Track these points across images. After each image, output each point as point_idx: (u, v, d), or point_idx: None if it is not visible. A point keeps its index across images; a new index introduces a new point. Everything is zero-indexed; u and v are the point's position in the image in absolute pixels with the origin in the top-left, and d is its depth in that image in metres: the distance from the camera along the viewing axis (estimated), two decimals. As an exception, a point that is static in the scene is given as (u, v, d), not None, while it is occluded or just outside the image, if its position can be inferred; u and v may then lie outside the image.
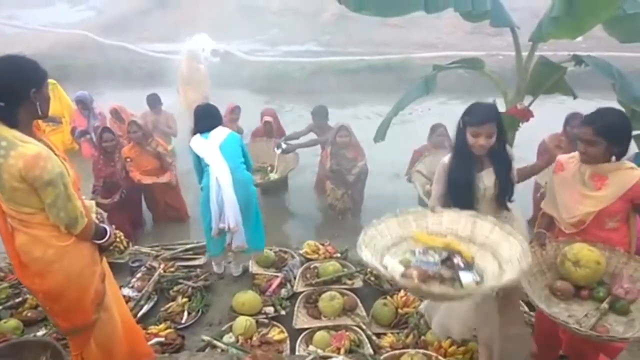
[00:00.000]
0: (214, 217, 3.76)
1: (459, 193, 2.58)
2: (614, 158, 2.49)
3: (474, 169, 2.59)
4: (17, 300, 3.66)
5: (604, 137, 2.43)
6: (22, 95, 2.05)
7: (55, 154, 2.17)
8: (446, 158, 2.70)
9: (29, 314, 3.50)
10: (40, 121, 2.27)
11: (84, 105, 6.85)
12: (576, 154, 2.63)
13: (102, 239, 2.39)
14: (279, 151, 5.84)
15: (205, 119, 3.95)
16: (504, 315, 2.63)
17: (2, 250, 3.74)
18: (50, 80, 2.33)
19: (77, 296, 2.28)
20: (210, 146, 3.80)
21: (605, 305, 2.34)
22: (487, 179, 2.58)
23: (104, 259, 2.50)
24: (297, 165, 5.87)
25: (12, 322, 3.36)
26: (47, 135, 2.34)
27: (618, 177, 2.47)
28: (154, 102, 7.07)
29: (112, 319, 2.46)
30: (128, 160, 5.23)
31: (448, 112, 8.56)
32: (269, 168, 5.97)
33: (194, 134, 3.94)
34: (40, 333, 3.30)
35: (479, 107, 2.56)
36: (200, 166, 3.88)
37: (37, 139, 2.15)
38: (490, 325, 2.67)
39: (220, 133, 3.88)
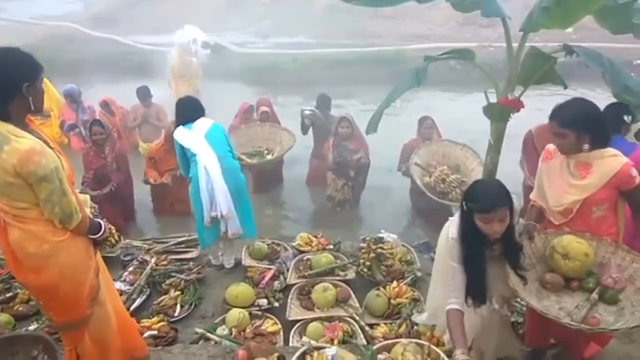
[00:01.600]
0: (205, 206, 3.74)
1: (477, 283, 2.41)
2: (586, 146, 2.47)
3: (486, 251, 2.40)
4: (8, 295, 3.62)
5: (569, 128, 2.45)
6: (14, 89, 2.01)
7: (50, 147, 2.14)
8: (452, 233, 2.42)
9: (20, 309, 3.47)
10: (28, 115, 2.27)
11: (72, 99, 6.79)
12: None
13: (97, 233, 2.36)
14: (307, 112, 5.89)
15: (188, 110, 3.94)
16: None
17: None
18: None
19: (72, 291, 2.26)
20: (195, 136, 3.79)
21: (595, 295, 2.36)
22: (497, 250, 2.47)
23: (98, 253, 2.49)
24: (294, 145, 5.75)
25: (4, 317, 3.33)
26: (40, 128, 2.30)
27: (602, 165, 2.48)
28: (144, 94, 7.01)
29: (106, 313, 2.45)
30: (152, 160, 5.16)
31: (439, 104, 8.62)
32: (265, 151, 5.93)
33: (177, 126, 3.92)
34: (32, 327, 3.28)
35: (485, 190, 2.32)
36: (186, 158, 3.86)
37: (31, 131, 2.11)
38: (491, 337, 2.67)
39: (204, 123, 3.86)
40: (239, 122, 6.44)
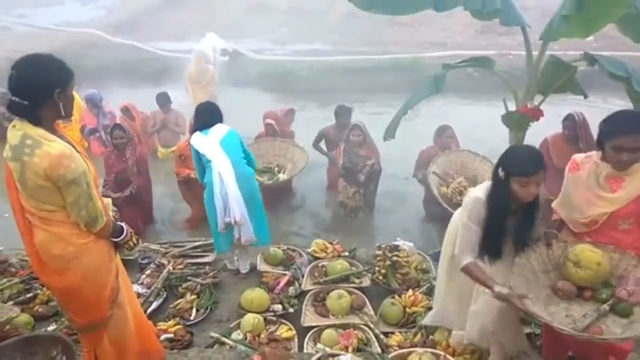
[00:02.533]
0: (219, 211, 3.75)
1: (493, 242, 2.47)
2: None
3: (508, 217, 2.46)
4: (28, 295, 3.68)
5: None
6: (46, 94, 2.06)
7: (77, 151, 2.19)
8: (480, 194, 2.48)
9: (40, 309, 3.53)
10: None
11: (93, 103, 6.91)
12: (593, 153, 2.60)
13: (119, 236, 2.41)
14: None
15: (205, 116, 3.97)
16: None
17: (14, 246, 3.81)
18: None
19: (93, 293, 2.30)
20: (210, 142, 3.81)
21: (605, 306, 2.32)
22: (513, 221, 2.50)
23: (117, 255, 2.53)
24: (308, 164, 5.70)
25: (24, 317, 3.39)
26: (66, 132, 2.35)
27: (635, 180, 2.45)
28: (163, 100, 7.12)
29: (125, 315, 2.48)
30: (182, 157, 5.20)
31: (455, 111, 8.57)
32: (276, 169, 5.81)
33: (194, 131, 3.97)
34: (50, 328, 3.34)
35: (524, 155, 2.40)
36: (201, 163, 3.89)
37: (60, 136, 2.16)
38: (511, 332, 2.67)
39: (220, 129, 3.89)
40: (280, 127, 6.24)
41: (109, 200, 2.74)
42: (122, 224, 2.48)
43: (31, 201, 2.12)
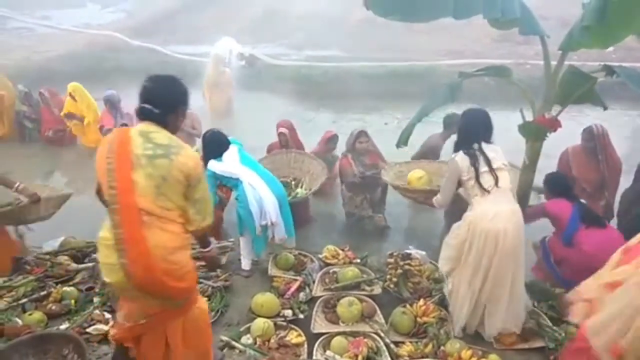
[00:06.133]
0: (255, 216, 3.94)
1: None
2: None
3: None
4: (41, 293, 3.73)
5: None
6: (175, 106, 2.44)
7: None
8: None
9: (53, 307, 3.56)
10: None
11: (111, 104, 7.00)
12: None
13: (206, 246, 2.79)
14: None
15: (217, 146, 4.19)
16: None
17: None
18: (73, 83, 2.44)
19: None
20: (231, 165, 4.08)
21: None
22: None
23: None
24: (328, 175, 5.42)
25: (37, 315, 3.44)
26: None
27: None
28: (180, 103, 7.17)
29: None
30: None
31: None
32: (293, 182, 5.48)
33: (206, 159, 4.09)
34: (63, 327, 3.36)
35: None
36: (215, 186, 4.17)
37: None
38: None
39: (232, 153, 4.15)
40: (319, 149, 5.97)
41: None
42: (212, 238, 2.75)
43: (160, 200, 2.26)
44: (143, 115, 2.39)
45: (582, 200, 4.12)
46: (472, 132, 3.31)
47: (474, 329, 3.40)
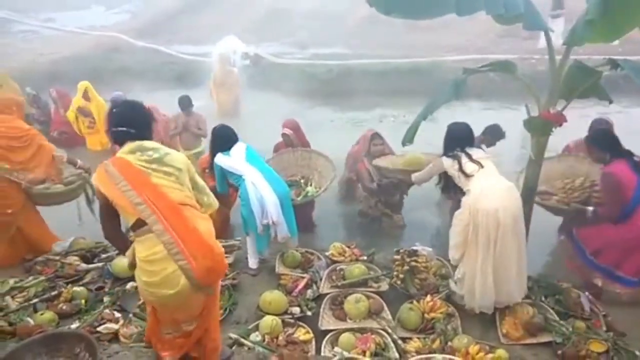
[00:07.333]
0: (256, 215, 3.97)
1: None
2: None
3: None
4: (52, 293, 3.78)
5: None
6: (150, 125, 2.72)
7: None
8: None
9: (64, 307, 3.61)
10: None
11: (118, 105, 7.05)
12: None
13: None
14: None
15: (223, 140, 4.27)
16: None
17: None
18: (83, 83, 2.61)
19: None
20: (237, 161, 4.13)
21: None
22: None
23: None
24: (337, 175, 5.29)
25: (48, 315, 3.48)
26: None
27: None
28: (185, 103, 7.19)
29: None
30: (206, 171, 5.16)
31: (474, 116, 8.47)
32: (302, 181, 5.33)
33: (213, 152, 4.24)
34: (74, 326, 3.40)
35: None
36: (223, 175, 4.20)
37: None
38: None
39: (239, 148, 4.20)
40: (359, 148, 5.61)
41: None
42: None
43: (184, 190, 2.52)
44: (121, 137, 2.61)
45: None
46: (455, 141, 3.68)
47: (492, 308, 3.48)
